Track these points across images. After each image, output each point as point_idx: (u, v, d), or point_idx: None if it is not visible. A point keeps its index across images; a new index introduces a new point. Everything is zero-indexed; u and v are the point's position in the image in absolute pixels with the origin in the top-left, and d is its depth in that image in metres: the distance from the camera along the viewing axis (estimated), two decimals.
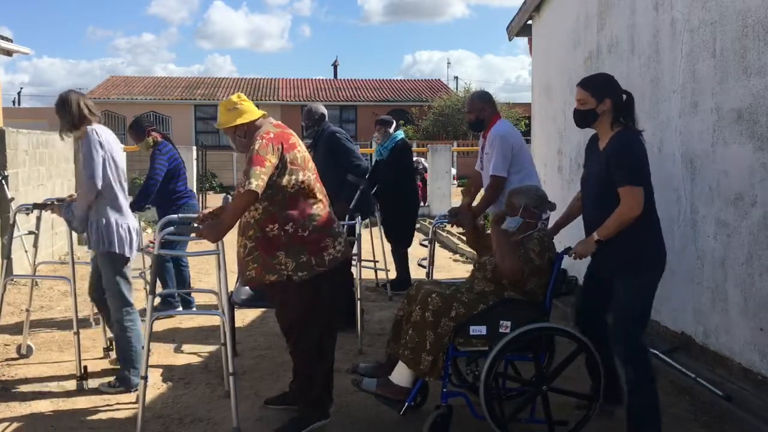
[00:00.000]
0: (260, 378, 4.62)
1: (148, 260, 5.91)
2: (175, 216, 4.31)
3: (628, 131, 3.54)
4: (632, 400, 3.44)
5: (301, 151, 3.67)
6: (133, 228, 4.39)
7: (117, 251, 4.26)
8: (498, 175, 4.87)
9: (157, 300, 5.21)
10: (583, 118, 3.62)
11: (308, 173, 3.68)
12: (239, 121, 3.66)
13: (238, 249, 3.71)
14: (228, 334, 3.84)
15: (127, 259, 4.39)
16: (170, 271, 6.13)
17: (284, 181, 3.56)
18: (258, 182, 3.43)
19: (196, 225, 3.80)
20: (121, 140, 6.86)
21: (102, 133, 4.30)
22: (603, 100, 3.54)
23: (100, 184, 4.18)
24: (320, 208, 3.71)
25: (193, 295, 6.39)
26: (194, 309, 6.20)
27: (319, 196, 3.75)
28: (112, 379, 4.42)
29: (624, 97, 3.59)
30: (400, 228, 7.11)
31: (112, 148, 4.32)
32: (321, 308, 3.69)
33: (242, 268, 3.71)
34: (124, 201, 4.39)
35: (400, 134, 7.16)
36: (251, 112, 3.69)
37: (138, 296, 5.12)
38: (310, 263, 3.60)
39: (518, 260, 3.58)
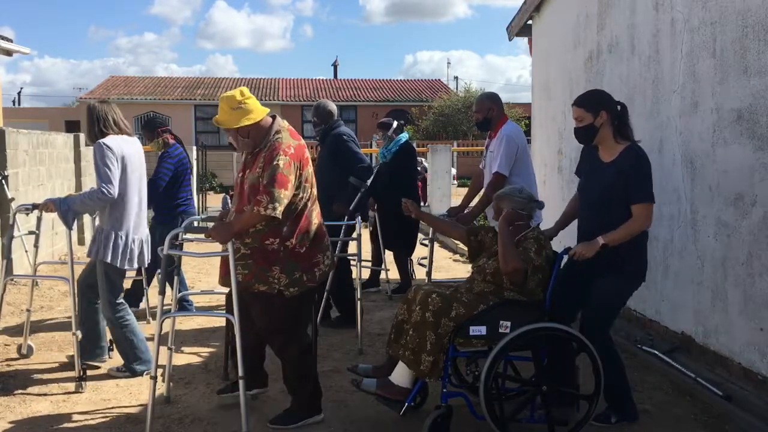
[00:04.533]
0: None
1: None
2: (197, 217, 4.37)
3: (636, 146, 3.71)
4: (605, 377, 3.63)
5: (310, 165, 3.66)
6: (133, 240, 4.41)
7: (110, 261, 4.33)
8: (500, 173, 4.91)
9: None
10: (583, 135, 3.79)
11: (313, 189, 3.68)
12: (245, 122, 3.51)
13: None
14: (238, 336, 3.77)
15: (122, 271, 4.47)
16: (181, 275, 6.12)
17: (296, 198, 3.55)
18: (282, 208, 3.42)
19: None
20: None
21: (113, 145, 4.30)
22: (599, 113, 3.69)
23: (114, 194, 4.23)
24: (317, 224, 3.72)
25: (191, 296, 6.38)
26: (194, 311, 6.18)
27: (317, 208, 3.74)
28: (120, 364, 4.63)
29: (618, 107, 3.75)
30: (401, 234, 6.98)
31: (126, 159, 4.35)
32: (305, 317, 3.80)
33: (227, 269, 3.63)
34: (135, 212, 4.43)
35: (405, 137, 7.03)
36: (257, 110, 3.54)
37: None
38: (302, 280, 3.62)
39: (521, 261, 3.59)
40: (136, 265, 4.49)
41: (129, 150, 4.40)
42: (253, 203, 3.45)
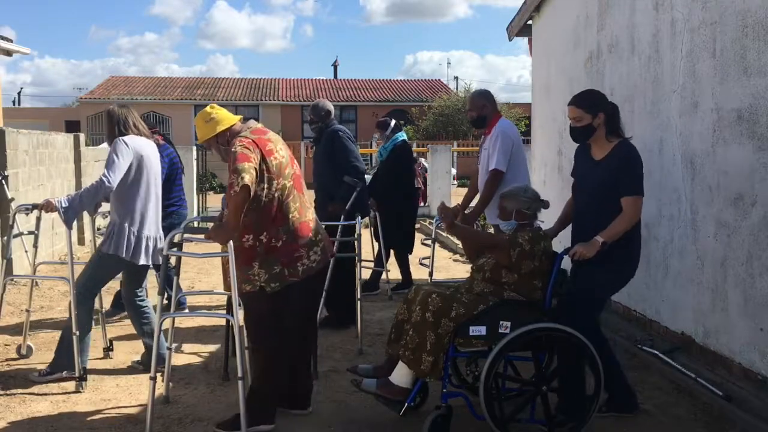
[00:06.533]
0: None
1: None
2: (196, 217, 4.35)
3: (627, 142, 3.79)
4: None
5: (277, 158, 3.63)
6: (147, 237, 4.47)
7: (113, 252, 4.37)
8: (498, 170, 4.94)
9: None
10: (581, 134, 3.86)
11: (283, 180, 3.63)
12: (219, 128, 3.70)
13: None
14: (238, 336, 3.73)
15: (118, 267, 4.51)
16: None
17: (259, 189, 3.54)
18: (249, 176, 3.41)
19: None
20: None
21: (130, 142, 4.42)
22: (597, 114, 3.78)
23: (113, 184, 4.28)
24: (296, 217, 3.68)
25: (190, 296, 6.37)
26: (186, 310, 6.15)
27: (296, 203, 3.70)
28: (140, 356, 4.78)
29: (610, 107, 3.83)
30: (400, 231, 7.04)
31: (143, 159, 4.46)
32: (287, 316, 3.75)
33: (224, 274, 3.77)
34: (151, 211, 4.51)
35: (401, 136, 7.13)
36: (228, 118, 3.74)
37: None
38: (283, 274, 3.62)
39: (501, 238, 3.72)
40: (148, 262, 4.51)
41: (147, 150, 4.53)
42: (228, 189, 3.48)
